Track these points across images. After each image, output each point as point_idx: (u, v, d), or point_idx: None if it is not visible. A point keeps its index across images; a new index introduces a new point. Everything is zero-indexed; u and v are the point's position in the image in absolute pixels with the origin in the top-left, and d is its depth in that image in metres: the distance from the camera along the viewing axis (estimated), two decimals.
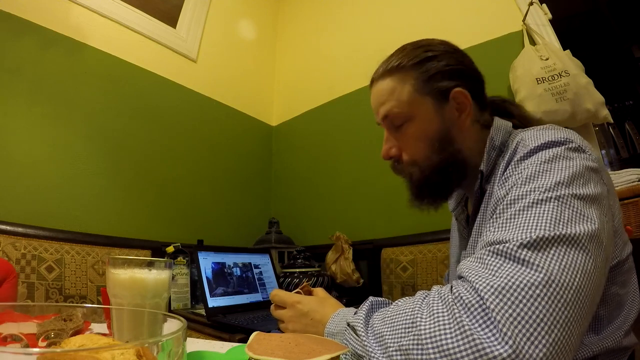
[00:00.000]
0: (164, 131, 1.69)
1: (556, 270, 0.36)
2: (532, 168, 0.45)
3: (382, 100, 0.61)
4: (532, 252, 0.37)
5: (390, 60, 0.61)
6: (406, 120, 0.60)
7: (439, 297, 0.41)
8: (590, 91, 1.17)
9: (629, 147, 1.79)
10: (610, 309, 0.50)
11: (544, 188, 0.42)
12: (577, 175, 0.44)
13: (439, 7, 1.66)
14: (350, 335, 0.45)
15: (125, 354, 0.21)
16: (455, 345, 0.35)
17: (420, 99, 0.58)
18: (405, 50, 0.61)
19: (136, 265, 0.44)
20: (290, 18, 2.44)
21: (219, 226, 1.85)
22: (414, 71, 0.59)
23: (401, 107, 0.59)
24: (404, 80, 0.59)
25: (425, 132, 0.59)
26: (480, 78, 0.63)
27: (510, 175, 0.49)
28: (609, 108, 1.20)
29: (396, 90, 0.59)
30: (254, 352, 0.33)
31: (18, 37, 1.27)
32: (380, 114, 0.62)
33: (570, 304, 0.35)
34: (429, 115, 0.59)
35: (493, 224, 0.44)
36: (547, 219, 0.39)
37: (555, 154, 0.46)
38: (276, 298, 0.60)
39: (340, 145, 1.93)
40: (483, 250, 0.41)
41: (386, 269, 1.54)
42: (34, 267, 1.12)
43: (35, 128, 1.29)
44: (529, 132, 0.53)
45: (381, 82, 0.62)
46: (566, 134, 0.49)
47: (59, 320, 0.43)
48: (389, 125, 0.62)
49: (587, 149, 0.48)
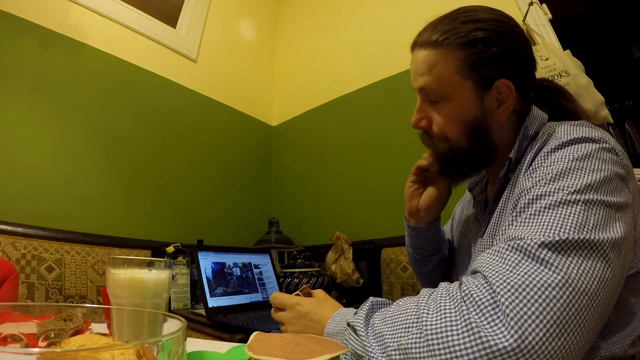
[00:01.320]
0: (164, 131, 1.69)
1: (574, 275, 0.35)
2: (562, 164, 0.44)
3: (422, 72, 0.57)
4: (552, 253, 0.37)
5: (436, 28, 0.56)
6: (442, 98, 0.56)
7: (447, 294, 0.40)
8: (590, 91, 1.17)
9: (629, 147, 1.79)
10: (620, 316, 0.49)
11: (573, 189, 0.41)
12: (607, 181, 0.42)
13: (439, 7, 1.65)
14: (350, 335, 0.45)
15: (125, 354, 0.21)
16: (461, 341, 0.35)
17: (462, 81, 0.54)
18: (455, 22, 0.55)
19: (136, 265, 0.45)
20: (290, 18, 2.44)
21: (219, 226, 1.85)
22: (460, 50, 0.54)
23: (439, 85, 0.55)
24: (447, 58, 0.54)
25: (460, 116, 0.55)
26: (532, 65, 0.58)
27: (538, 166, 0.47)
28: (609, 108, 1.20)
29: (437, 66, 0.55)
30: (254, 352, 0.33)
31: (18, 37, 1.27)
32: (417, 85, 0.58)
33: (584, 309, 0.35)
34: (467, 100, 0.55)
35: (516, 217, 0.43)
36: (572, 222, 0.38)
37: (588, 151, 0.44)
38: (275, 301, 0.59)
39: (340, 145, 1.93)
40: (503, 244, 0.40)
41: (386, 269, 1.54)
42: (34, 267, 1.12)
43: (35, 128, 1.29)
44: (563, 125, 0.51)
45: (423, 51, 0.57)
46: (601, 134, 0.47)
47: (59, 320, 0.43)
48: (423, 97, 0.58)
49: (620, 153, 0.47)
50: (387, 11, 1.86)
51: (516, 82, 0.54)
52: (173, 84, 1.76)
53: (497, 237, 0.44)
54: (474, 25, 0.54)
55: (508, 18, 0.57)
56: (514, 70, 0.55)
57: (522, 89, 0.56)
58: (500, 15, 0.56)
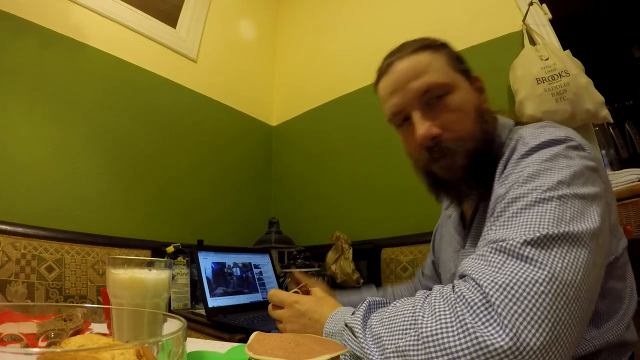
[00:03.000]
0: (164, 131, 1.69)
1: (559, 268, 0.36)
2: (533, 167, 0.46)
3: (419, 73, 0.56)
4: (535, 250, 0.38)
5: (410, 45, 0.59)
6: (448, 91, 0.56)
7: (441, 296, 0.41)
8: (590, 91, 1.17)
9: (629, 147, 1.79)
10: (609, 303, 0.51)
11: (546, 187, 0.43)
12: (577, 175, 0.44)
13: (439, 7, 1.66)
14: (348, 337, 0.45)
15: (125, 354, 0.21)
16: (457, 343, 0.35)
17: (455, 74, 0.58)
18: (421, 39, 0.60)
19: (136, 265, 0.45)
20: (290, 18, 2.44)
21: (219, 226, 1.85)
22: (443, 49, 0.59)
23: (443, 78, 0.56)
24: (438, 54, 0.58)
25: (467, 104, 0.57)
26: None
27: (510, 173, 0.48)
28: (609, 108, 1.20)
29: (433, 63, 0.57)
30: (254, 352, 0.33)
31: (18, 37, 1.27)
32: (419, 86, 0.56)
33: (572, 300, 0.36)
34: (467, 89, 0.58)
35: (494, 222, 0.44)
36: (550, 217, 0.40)
37: (555, 152, 0.46)
38: (274, 298, 0.59)
39: (340, 145, 1.93)
40: (486, 248, 0.41)
41: (386, 269, 1.54)
42: (34, 267, 1.12)
43: (35, 128, 1.28)
44: (528, 129, 0.53)
45: (413, 56, 0.57)
46: (566, 132, 0.50)
47: (59, 320, 0.43)
48: (427, 99, 0.56)
49: (587, 147, 0.49)
50: (387, 11, 1.86)
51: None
52: (173, 84, 1.76)
53: (479, 245, 0.44)
54: (434, 39, 0.61)
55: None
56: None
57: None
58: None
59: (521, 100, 1.24)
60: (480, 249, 0.43)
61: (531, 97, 1.21)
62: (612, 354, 0.50)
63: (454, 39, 0.64)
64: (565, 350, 0.35)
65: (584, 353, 0.48)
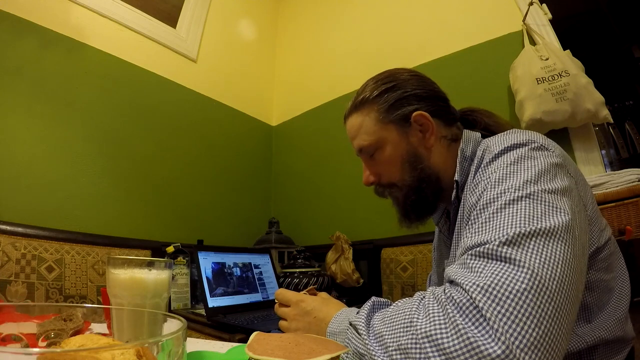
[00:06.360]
0: (164, 131, 1.69)
1: (538, 263, 0.37)
2: (500, 171, 0.47)
3: (353, 136, 0.67)
4: (512, 249, 0.38)
5: (356, 96, 0.67)
6: (377, 149, 0.65)
7: (434, 298, 0.42)
8: (590, 91, 1.17)
9: (629, 147, 1.79)
10: (597, 296, 0.51)
11: (514, 188, 0.44)
12: (543, 172, 0.45)
13: (439, 7, 1.66)
14: (352, 335, 0.46)
15: (125, 354, 0.21)
16: (452, 344, 0.36)
17: (385, 127, 0.64)
18: (368, 85, 0.67)
19: (136, 265, 0.45)
20: (290, 18, 2.44)
21: (219, 226, 1.85)
22: (375, 104, 0.64)
23: (369, 139, 0.65)
24: (369, 113, 0.65)
25: (394, 157, 0.64)
26: (442, 96, 0.67)
27: (479, 181, 0.51)
28: (609, 108, 1.20)
29: (363, 124, 0.65)
30: (254, 352, 0.33)
31: (18, 37, 1.27)
32: (355, 148, 0.68)
33: (555, 294, 0.36)
34: (395, 141, 0.64)
35: (469, 229, 0.45)
36: (522, 216, 0.41)
37: (519, 155, 0.48)
38: (280, 297, 0.61)
39: (341, 145, 1.92)
40: (465, 255, 0.42)
41: (386, 269, 1.54)
42: (34, 267, 1.12)
43: (35, 128, 1.28)
44: (494, 138, 0.55)
45: (350, 118, 0.68)
46: (528, 136, 0.51)
47: (59, 320, 0.43)
48: (364, 156, 0.68)
49: (550, 147, 0.51)
50: (387, 11, 1.86)
51: (431, 111, 0.63)
52: (173, 84, 1.76)
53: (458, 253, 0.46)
54: (383, 80, 0.66)
55: (404, 69, 0.69)
56: (425, 101, 0.64)
57: (441, 116, 0.65)
58: (407, 68, 0.69)
59: (521, 100, 1.24)
60: (460, 257, 0.44)
61: (531, 97, 1.21)
62: (608, 350, 0.51)
63: (454, 39, 0.65)
64: (557, 343, 0.35)
65: (577, 349, 0.49)
